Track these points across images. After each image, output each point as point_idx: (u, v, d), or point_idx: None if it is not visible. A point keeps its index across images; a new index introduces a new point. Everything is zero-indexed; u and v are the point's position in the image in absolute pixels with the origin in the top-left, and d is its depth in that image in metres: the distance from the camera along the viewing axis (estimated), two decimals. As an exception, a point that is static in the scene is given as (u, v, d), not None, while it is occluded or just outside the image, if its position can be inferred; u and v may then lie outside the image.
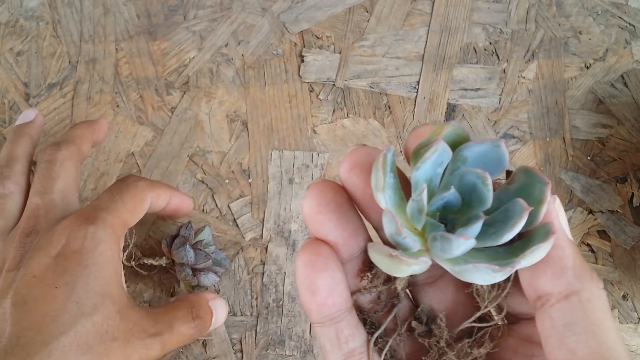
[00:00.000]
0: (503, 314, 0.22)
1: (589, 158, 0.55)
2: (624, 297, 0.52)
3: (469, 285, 0.22)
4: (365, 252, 0.23)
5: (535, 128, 0.55)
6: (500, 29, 0.58)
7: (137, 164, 0.52)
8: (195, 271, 0.45)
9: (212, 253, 0.47)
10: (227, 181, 0.52)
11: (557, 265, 0.20)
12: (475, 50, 0.57)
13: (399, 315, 0.24)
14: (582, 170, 0.54)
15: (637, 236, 0.53)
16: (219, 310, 0.41)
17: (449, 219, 0.22)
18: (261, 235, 0.51)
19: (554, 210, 0.21)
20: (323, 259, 0.22)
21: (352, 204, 0.23)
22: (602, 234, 0.53)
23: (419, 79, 0.56)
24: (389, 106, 0.55)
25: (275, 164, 0.53)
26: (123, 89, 0.54)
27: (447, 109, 0.55)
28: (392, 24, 0.57)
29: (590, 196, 0.54)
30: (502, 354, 0.23)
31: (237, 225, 0.51)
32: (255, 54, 0.56)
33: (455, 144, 0.21)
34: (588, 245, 0.53)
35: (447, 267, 0.21)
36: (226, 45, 0.56)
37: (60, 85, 0.54)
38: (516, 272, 0.21)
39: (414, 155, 0.21)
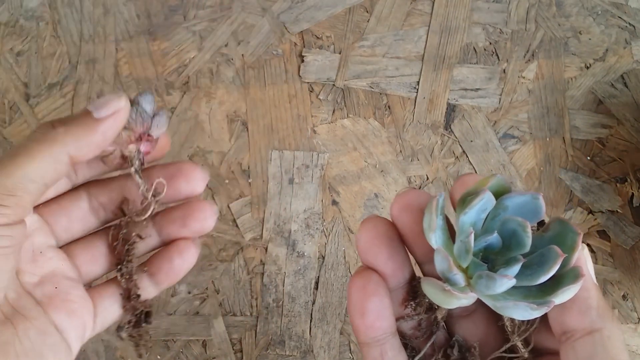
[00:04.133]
0: (530, 347, 0.25)
1: (589, 158, 0.55)
2: (624, 297, 0.52)
3: (500, 319, 0.25)
4: (409, 282, 0.26)
5: (535, 128, 0.55)
6: (500, 29, 0.58)
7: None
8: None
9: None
10: (227, 181, 0.52)
11: (583, 304, 0.23)
12: (475, 50, 0.57)
13: (436, 342, 0.27)
14: (582, 170, 0.54)
15: (637, 236, 0.53)
16: (102, 102, 0.26)
17: (490, 259, 0.25)
18: (261, 235, 0.51)
19: (583, 256, 0.23)
20: (374, 285, 0.25)
21: (400, 240, 0.26)
22: (602, 234, 0.53)
23: (419, 79, 0.56)
24: (389, 106, 0.55)
25: (275, 164, 0.53)
26: (123, 89, 0.54)
27: (447, 109, 0.55)
28: (392, 24, 0.57)
29: (590, 196, 0.54)
30: None
31: (237, 225, 0.51)
32: (255, 54, 0.56)
33: (498, 194, 0.24)
34: (588, 245, 0.53)
35: (488, 302, 0.23)
36: (226, 45, 0.56)
37: (60, 85, 0.54)
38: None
39: (462, 202, 0.24)
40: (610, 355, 0.22)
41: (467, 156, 0.54)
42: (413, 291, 0.26)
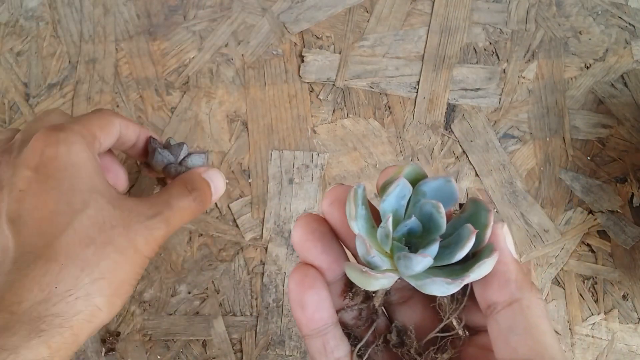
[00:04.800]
0: (462, 323, 0.26)
1: (589, 158, 0.55)
2: (624, 297, 0.52)
3: (434, 301, 0.26)
4: (346, 275, 0.27)
5: (535, 128, 0.55)
6: (500, 29, 0.58)
7: (137, 164, 0.52)
8: (181, 164, 0.44)
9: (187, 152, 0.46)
10: (227, 181, 0.52)
11: (502, 278, 0.24)
12: (475, 50, 0.57)
13: (377, 329, 0.28)
14: (582, 170, 0.54)
15: (637, 236, 0.53)
16: (215, 179, 0.41)
17: (413, 243, 0.26)
18: (261, 235, 0.51)
19: (502, 233, 0.25)
20: (311, 279, 0.26)
21: (333, 234, 0.27)
22: (602, 234, 0.53)
23: (419, 79, 0.56)
24: (389, 106, 0.55)
25: (275, 164, 0.53)
26: (123, 89, 0.54)
27: (447, 109, 0.55)
28: (392, 24, 0.57)
29: (590, 196, 0.54)
30: None
31: (237, 226, 0.51)
32: (255, 54, 0.56)
33: (416, 181, 0.26)
34: (588, 245, 0.53)
35: (412, 282, 0.25)
36: (226, 45, 0.56)
37: (60, 85, 0.54)
38: (472, 288, 0.25)
39: (381, 190, 0.25)
40: (529, 323, 0.23)
41: (467, 156, 0.54)
42: (350, 282, 0.27)
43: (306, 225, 0.26)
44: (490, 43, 0.57)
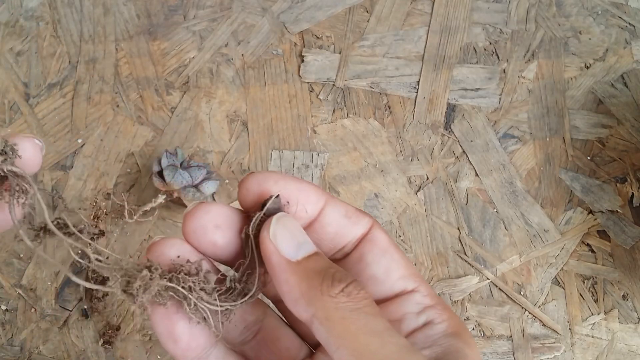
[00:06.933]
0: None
1: (589, 158, 0.55)
2: (624, 297, 0.52)
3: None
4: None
5: (535, 128, 0.55)
6: (500, 29, 0.58)
7: (137, 163, 0.52)
8: (198, 189, 0.43)
9: (198, 165, 0.46)
10: (227, 181, 0.52)
11: (290, 301, 0.21)
12: (475, 50, 0.57)
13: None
14: (582, 170, 0.54)
15: (637, 236, 0.53)
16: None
17: None
18: (261, 235, 0.51)
19: (269, 244, 0.21)
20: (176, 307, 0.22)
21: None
22: (602, 234, 0.53)
23: (419, 79, 0.56)
24: (389, 106, 0.55)
25: (275, 164, 0.53)
26: (123, 89, 0.54)
27: (447, 109, 0.55)
28: (392, 24, 0.57)
29: (590, 196, 0.54)
30: None
31: (237, 225, 0.51)
32: (255, 54, 0.56)
33: None
34: (588, 245, 0.53)
35: None
36: (226, 45, 0.56)
37: (60, 85, 0.54)
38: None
39: None
40: (334, 334, 0.20)
41: (467, 156, 0.54)
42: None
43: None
44: (490, 43, 0.57)
